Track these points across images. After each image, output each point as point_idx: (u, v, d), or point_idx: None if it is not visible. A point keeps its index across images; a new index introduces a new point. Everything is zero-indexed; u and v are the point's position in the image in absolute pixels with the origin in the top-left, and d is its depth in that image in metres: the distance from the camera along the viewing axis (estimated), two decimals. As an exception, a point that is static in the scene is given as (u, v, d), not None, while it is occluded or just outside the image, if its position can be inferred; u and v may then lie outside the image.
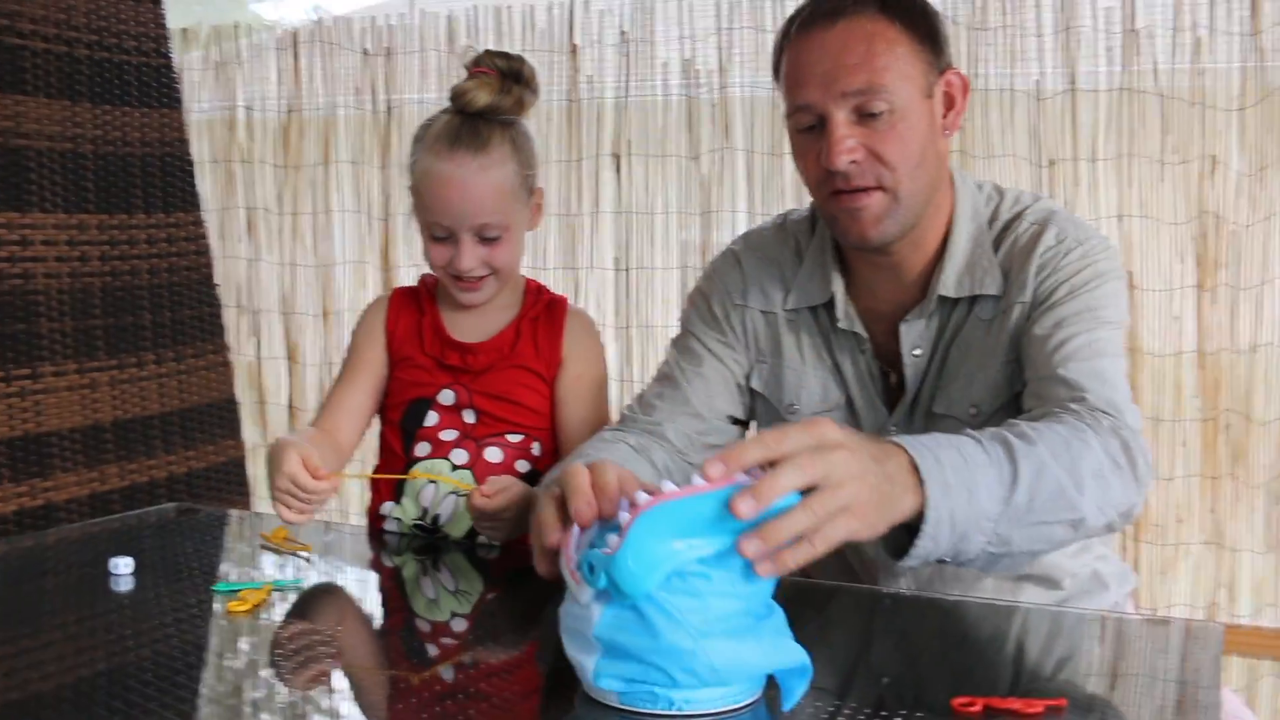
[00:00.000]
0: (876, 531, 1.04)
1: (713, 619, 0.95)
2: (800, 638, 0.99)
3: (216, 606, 1.30)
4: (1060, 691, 1.02)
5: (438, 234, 1.66)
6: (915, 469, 1.08)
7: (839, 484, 0.98)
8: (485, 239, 1.65)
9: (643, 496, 0.96)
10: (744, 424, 1.66)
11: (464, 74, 1.68)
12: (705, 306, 1.65)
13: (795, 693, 0.98)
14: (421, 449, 1.70)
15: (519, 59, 1.68)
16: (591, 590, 0.97)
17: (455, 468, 1.68)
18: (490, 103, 1.64)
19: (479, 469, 1.68)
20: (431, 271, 1.74)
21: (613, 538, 0.96)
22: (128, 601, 1.35)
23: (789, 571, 0.97)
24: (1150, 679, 1.10)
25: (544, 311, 1.75)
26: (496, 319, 1.75)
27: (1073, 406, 1.30)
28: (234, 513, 1.94)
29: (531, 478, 1.66)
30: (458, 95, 1.65)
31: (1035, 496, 1.15)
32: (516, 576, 1.54)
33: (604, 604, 0.97)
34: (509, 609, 1.42)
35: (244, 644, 1.21)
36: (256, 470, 3.84)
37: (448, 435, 1.68)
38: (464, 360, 1.72)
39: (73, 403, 2.84)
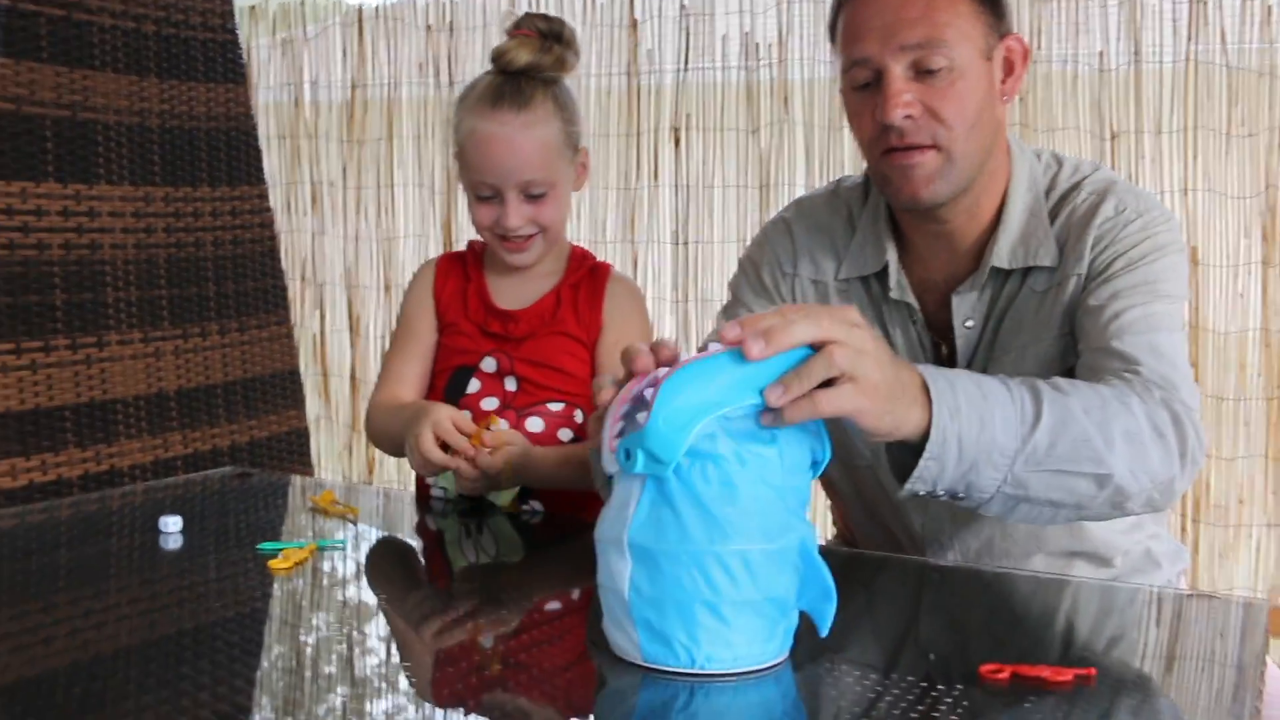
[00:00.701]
0: (880, 423, 1.02)
1: (747, 511, 0.95)
2: (846, 610, 0.99)
3: (260, 565, 1.33)
4: (1093, 662, 1.00)
5: (483, 194, 1.68)
6: (926, 390, 1.07)
7: (856, 351, 0.98)
8: (531, 196, 1.66)
9: (664, 371, 0.97)
10: None
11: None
12: (755, 275, 1.64)
13: (827, 618, 0.98)
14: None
15: (559, 20, 1.69)
16: (625, 471, 0.97)
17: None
18: (531, 61, 1.65)
19: None
20: (478, 236, 1.75)
21: (642, 415, 0.96)
22: (178, 557, 1.38)
23: (791, 423, 0.96)
24: (1190, 653, 1.09)
25: (586, 277, 1.76)
26: (539, 285, 1.76)
27: (1125, 376, 1.27)
28: (287, 477, 1.97)
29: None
30: (499, 55, 1.67)
31: (1057, 442, 1.12)
32: (559, 542, 1.55)
33: (639, 496, 0.97)
34: (549, 575, 1.44)
35: (280, 602, 1.24)
36: (318, 440, 3.90)
37: (489, 404, 1.70)
38: (505, 327, 1.73)
39: (138, 371, 2.90)
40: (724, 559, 0.95)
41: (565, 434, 1.71)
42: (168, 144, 3.01)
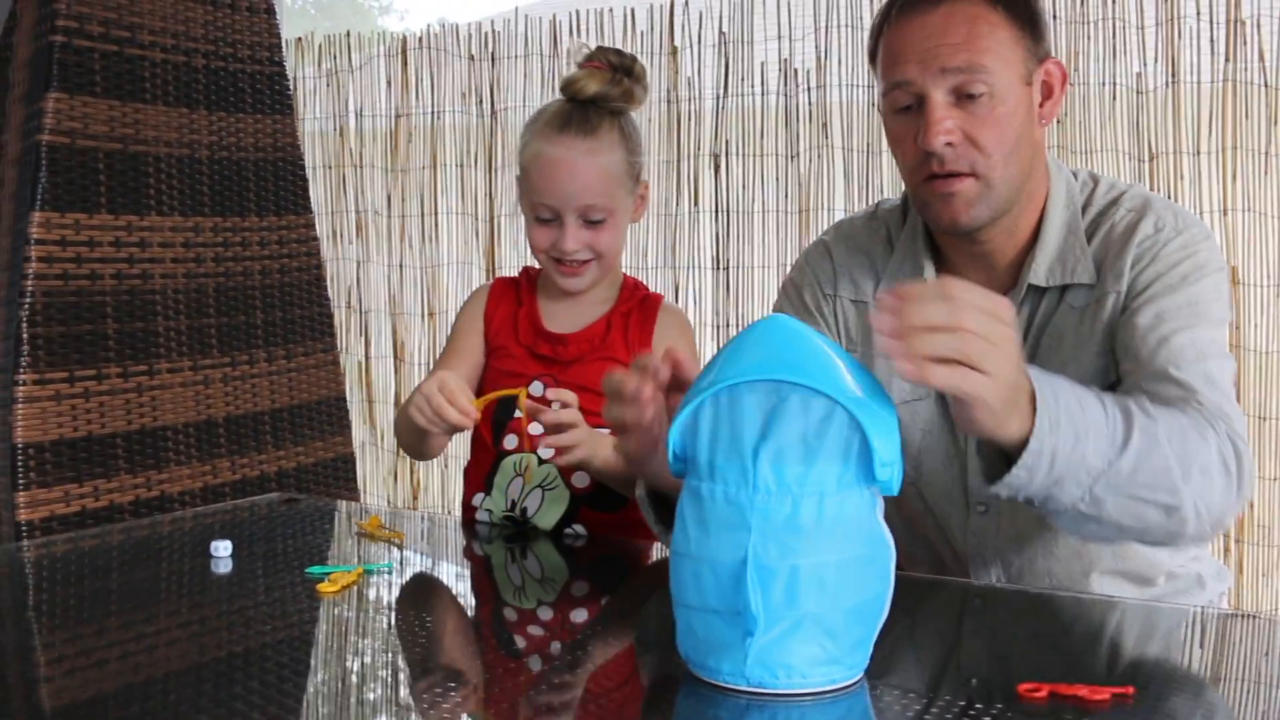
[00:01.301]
0: (989, 420, 1.07)
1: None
2: (890, 633, 1.01)
3: (308, 588, 1.36)
4: (1135, 683, 1.01)
5: (543, 216, 1.71)
6: (1032, 397, 1.10)
7: (988, 344, 1.03)
8: (589, 222, 1.69)
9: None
10: None
11: (565, 73, 1.72)
12: (797, 296, 1.66)
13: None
14: (510, 441, 1.74)
15: (631, 56, 1.73)
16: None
17: (543, 461, 1.71)
18: (600, 91, 1.69)
19: (565, 468, 1.71)
20: (534, 260, 1.78)
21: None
22: (227, 581, 1.41)
23: (902, 373, 1.01)
24: (1233, 674, 1.09)
25: (637, 306, 1.78)
26: (590, 312, 1.78)
27: (1191, 405, 1.29)
28: (334, 502, 2.00)
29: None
30: (568, 84, 1.72)
31: (1140, 468, 1.16)
32: (603, 564, 1.57)
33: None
34: (595, 597, 1.46)
35: (329, 624, 1.27)
36: (364, 466, 3.94)
37: (535, 429, 1.71)
38: (554, 350, 1.76)
39: (187, 398, 2.95)
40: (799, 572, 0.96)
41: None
42: (217, 175, 3.07)
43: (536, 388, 1.75)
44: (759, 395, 0.98)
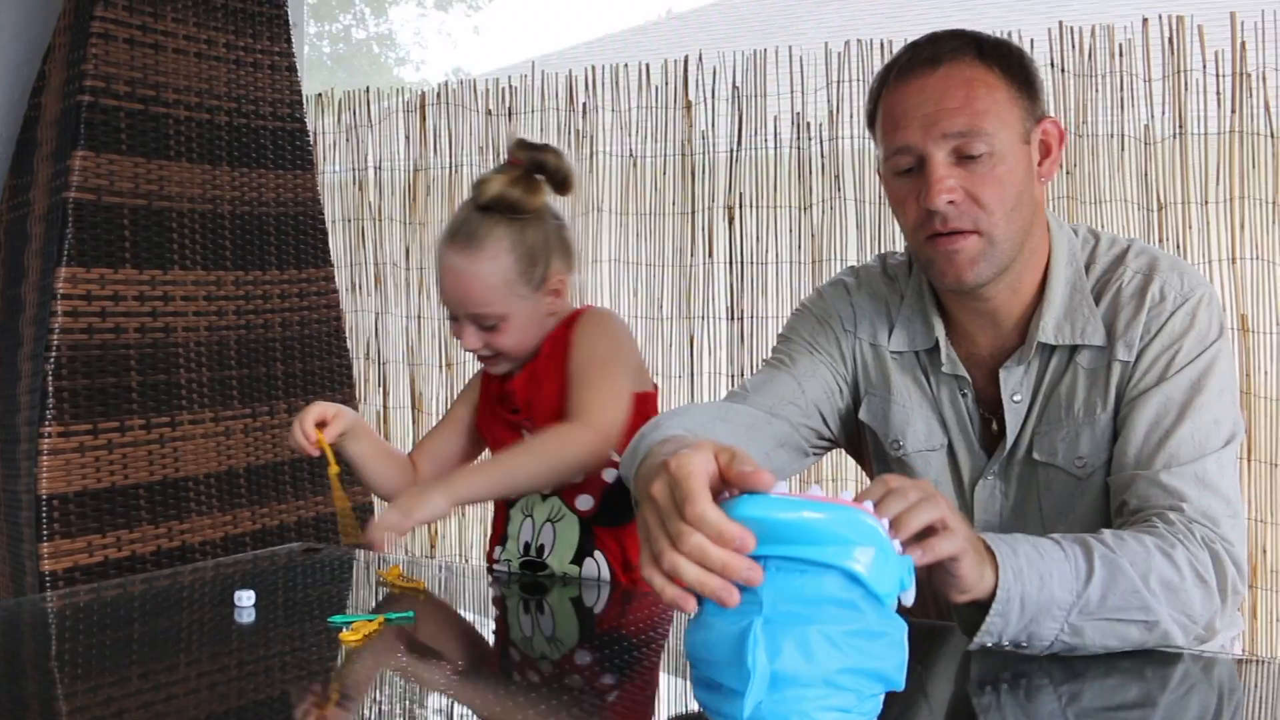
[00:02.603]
0: (972, 573, 1.12)
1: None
2: (903, 697, 1.03)
3: (330, 637, 1.38)
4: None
5: (451, 314, 1.77)
6: (990, 552, 1.16)
7: (953, 510, 1.10)
8: (483, 326, 1.74)
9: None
10: (828, 445, 1.66)
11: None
12: (813, 321, 1.65)
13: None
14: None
15: (549, 150, 1.75)
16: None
17: (545, 497, 1.77)
18: (497, 194, 1.72)
19: (566, 494, 1.77)
20: None
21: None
22: (249, 631, 1.43)
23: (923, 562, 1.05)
24: (1241, 718, 1.10)
25: (565, 328, 1.80)
26: (529, 357, 1.82)
27: (1170, 516, 1.33)
28: (354, 551, 2.02)
29: (620, 482, 1.70)
30: (476, 185, 1.75)
31: (1109, 593, 1.20)
32: (621, 614, 1.59)
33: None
34: (614, 645, 1.47)
35: (354, 673, 1.29)
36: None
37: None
38: (508, 402, 1.81)
39: (209, 449, 2.98)
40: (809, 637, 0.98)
41: (610, 474, 1.76)
42: (238, 229, 3.12)
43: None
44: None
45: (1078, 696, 1.15)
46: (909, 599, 1.01)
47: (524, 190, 1.72)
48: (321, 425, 1.74)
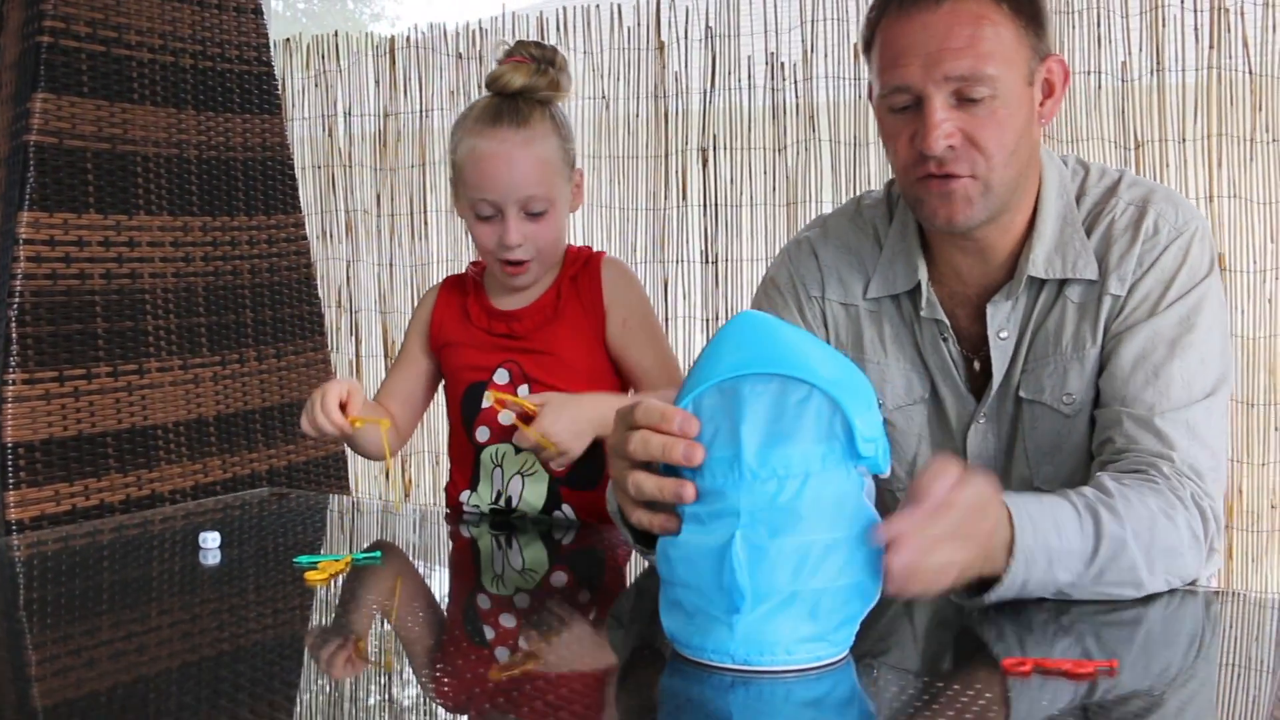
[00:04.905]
0: (968, 571, 1.10)
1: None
2: (877, 612, 1.03)
3: (295, 578, 1.36)
4: (1115, 654, 1.02)
5: (484, 213, 1.71)
6: (1011, 541, 1.13)
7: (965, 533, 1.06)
8: (531, 214, 1.69)
9: None
10: None
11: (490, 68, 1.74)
12: (779, 296, 1.60)
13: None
14: (481, 433, 1.76)
15: (551, 48, 1.74)
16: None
17: (519, 450, 1.72)
18: (527, 83, 1.70)
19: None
20: (478, 258, 1.80)
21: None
22: (214, 576, 1.42)
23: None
24: (1220, 653, 1.10)
25: (582, 268, 1.78)
26: (537, 288, 1.79)
27: (1163, 469, 1.30)
28: (324, 496, 2.01)
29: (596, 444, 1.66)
30: (494, 79, 1.72)
31: (1106, 570, 1.20)
32: (588, 557, 1.58)
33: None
34: (581, 582, 1.46)
35: (316, 613, 1.27)
36: (356, 464, 3.95)
37: (505, 418, 1.71)
38: (510, 328, 1.76)
39: (177, 397, 2.95)
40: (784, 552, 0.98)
41: None
42: (205, 174, 3.07)
43: (502, 375, 1.76)
44: (739, 390, 1.00)
45: (1049, 624, 1.14)
46: (886, 469, 1.02)
47: (548, 79, 1.71)
48: (342, 406, 1.67)
